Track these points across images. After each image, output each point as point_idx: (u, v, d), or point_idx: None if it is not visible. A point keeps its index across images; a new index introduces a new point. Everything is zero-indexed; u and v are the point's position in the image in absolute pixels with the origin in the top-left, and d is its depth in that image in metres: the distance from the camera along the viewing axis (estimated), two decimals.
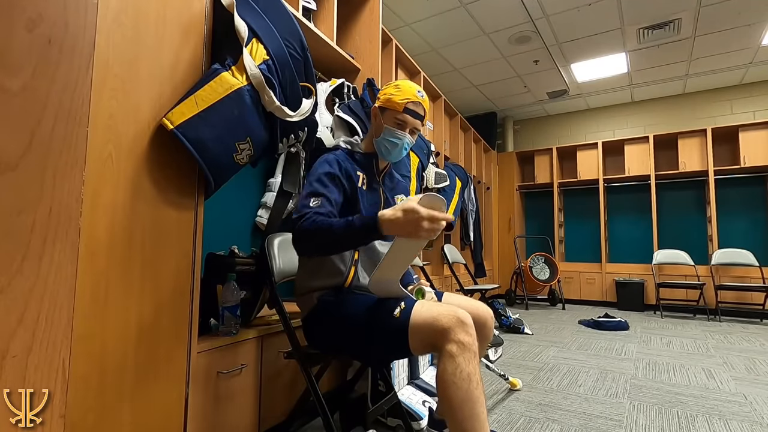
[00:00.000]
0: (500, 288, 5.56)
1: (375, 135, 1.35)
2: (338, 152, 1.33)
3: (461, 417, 1.02)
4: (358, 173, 1.31)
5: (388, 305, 1.17)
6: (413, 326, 1.11)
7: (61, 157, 0.91)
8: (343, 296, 1.26)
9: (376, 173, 1.39)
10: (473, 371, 1.04)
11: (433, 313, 1.10)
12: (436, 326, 1.07)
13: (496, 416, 1.78)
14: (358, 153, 1.37)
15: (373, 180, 1.37)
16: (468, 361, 1.04)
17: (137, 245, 1.07)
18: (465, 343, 1.05)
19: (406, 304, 1.15)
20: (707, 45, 4.23)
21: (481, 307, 1.36)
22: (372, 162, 1.37)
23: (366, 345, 1.21)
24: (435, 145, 3.68)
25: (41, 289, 0.87)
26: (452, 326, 1.06)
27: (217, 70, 1.19)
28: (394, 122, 1.30)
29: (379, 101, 1.34)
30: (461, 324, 1.06)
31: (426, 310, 1.12)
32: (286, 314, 1.38)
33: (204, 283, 1.34)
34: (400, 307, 1.15)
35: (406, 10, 3.69)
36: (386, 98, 1.31)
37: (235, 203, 1.96)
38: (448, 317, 1.07)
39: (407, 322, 1.11)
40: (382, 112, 1.32)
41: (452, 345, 1.05)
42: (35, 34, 0.89)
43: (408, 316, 1.12)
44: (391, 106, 1.30)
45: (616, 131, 5.81)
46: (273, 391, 1.50)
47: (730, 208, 4.95)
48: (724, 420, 1.76)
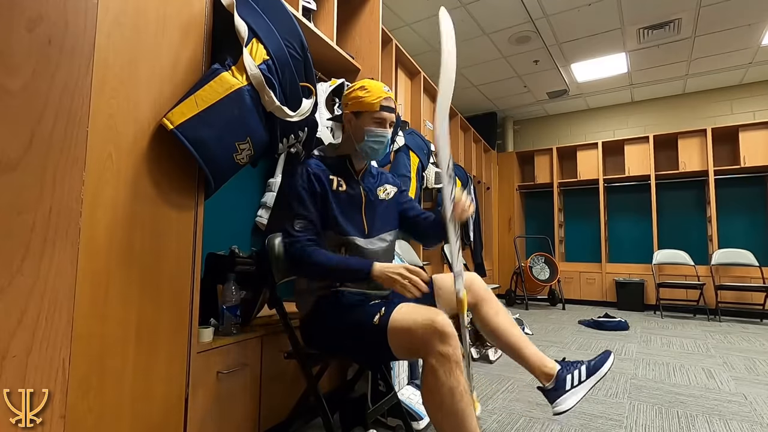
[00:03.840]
0: (500, 288, 5.56)
1: (357, 140, 1.34)
2: (310, 160, 1.34)
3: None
4: (330, 177, 1.32)
5: (371, 310, 1.17)
6: (391, 333, 1.10)
7: (61, 157, 0.91)
8: (338, 297, 1.27)
9: (354, 173, 1.38)
10: (455, 384, 1.01)
11: (410, 322, 1.08)
12: (414, 337, 1.06)
13: (496, 416, 1.78)
14: (330, 158, 1.37)
15: (351, 180, 1.37)
16: (449, 373, 1.01)
17: (137, 245, 1.07)
18: (444, 355, 1.01)
19: (386, 310, 1.14)
20: (707, 45, 4.23)
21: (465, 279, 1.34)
22: (346, 164, 1.37)
23: (354, 348, 1.22)
24: (435, 145, 3.67)
25: (41, 289, 0.87)
26: (429, 338, 1.03)
27: (217, 70, 1.19)
28: (373, 122, 1.31)
29: (349, 106, 1.33)
30: (438, 335, 1.02)
31: (402, 318, 1.10)
32: (286, 314, 1.38)
33: (204, 283, 1.34)
34: (380, 313, 1.14)
35: (406, 10, 3.69)
36: (357, 102, 1.31)
37: (235, 203, 1.96)
38: (425, 328, 1.04)
39: (386, 328, 1.11)
40: (357, 116, 1.32)
41: (431, 358, 1.03)
42: (35, 34, 0.88)
43: (386, 323, 1.11)
44: (365, 108, 1.30)
45: (616, 131, 5.81)
46: (273, 391, 1.50)
47: (730, 208, 4.95)
48: (724, 420, 1.76)
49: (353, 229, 1.31)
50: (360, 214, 1.34)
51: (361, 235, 1.33)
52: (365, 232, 1.34)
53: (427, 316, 1.07)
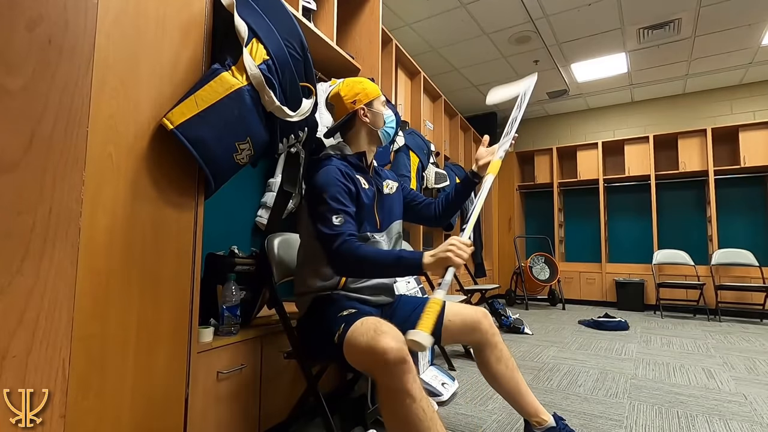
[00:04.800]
0: (500, 288, 5.56)
1: (377, 126, 1.41)
2: (333, 160, 1.34)
3: None
4: (357, 176, 1.35)
5: (337, 323, 1.15)
6: (347, 353, 1.10)
7: (61, 157, 0.91)
8: (332, 301, 1.27)
9: (367, 170, 1.43)
10: (407, 414, 0.96)
11: (357, 346, 1.05)
12: (362, 361, 1.05)
13: (496, 416, 1.78)
14: (350, 156, 1.39)
15: (367, 176, 1.41)
16: (399, 404, 0.97)
17: (137, 245, 1.07)
18: (389, 387, 0.98)
19: (344, 328, 1.12)
20: (707, 45, 4.23)
21: (468, 316, 1.35)
22: (362, 160, 1.41)
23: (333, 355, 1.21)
24: (435, 145, 3.68)
25: (41, 289, 0.87)
26: (373, 368, 1.01)
27: (217, 70, 1.19)
28: (382, 106, 1.42)
29: (359, 101, 1.38)
30: (382, 365, 0.98)
31: (354, 339, 1.07)
32: (286, 314, 1.39)
33: (204, 283, 1.35)
34: (338, 331, 1.13)
35: (406, 10, 3.69)
36: (363, 94, 1.39)
37: (235, 203, 1.96)
38: (369, 355, 1.00)
39: (342, 347, 1.11)
40: (370, 106, 1.40)
41: (379, 386, 1.02)
42: (35, 34, 0.88)
43: (342, 342, 1.10)
44: (371, 96, 1.40)
45: (616, 131, 5.81)
46: (273, 391, 1.50)
47: (730, 208, 4.95)
48: (724, 420, 1.76)
49: (369, 225, 1.34)
50: (373, 210, 1.37)
51: (375, 229, 1.35)
52: (378, 226, 1.37)
53: (370, 341, 1.01)
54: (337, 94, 1.40)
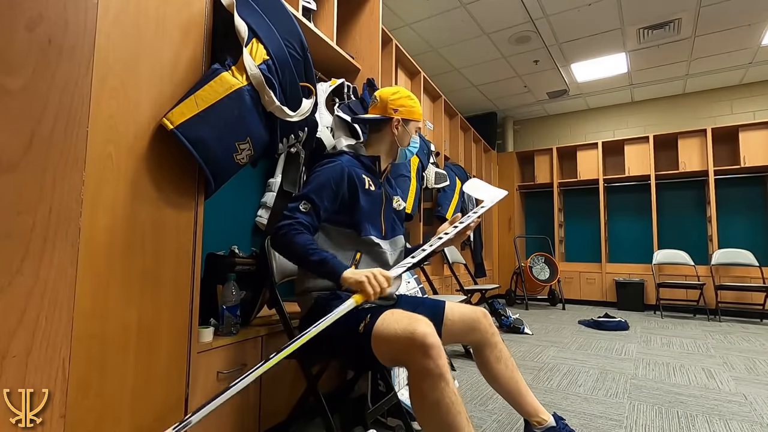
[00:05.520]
0: (500, 288, 5.56)
1: (402, 144, 1.42)
2: (344, 158, 1.35)
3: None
4: (363, 176, 1.35)
5: (359, 316, 1.15)
6: (375, 342, 1.10)
7: (61, 157, 0.91)
8: (335, 299, 1.26)
9: (379, 175, 1.43)
10: (440, 397, 0.98)
11: (391, 332, 1.06)
12: (395, 348, 1.05)
13: (496, 416, 1.79)
14: (363, 156, 1.40)
15: (378, 181, 1.41)
16: (432, 388, 0.98)
17: (137, 245, 1.07)
18: (425, 370, 0.99)
19: (371, 318, 1.13)
20: (707, 45, 4.23)
21: (467, 315, 1.35)
22: (376, 165, 1.42)
23: (342, 352, 1.22)
24: (435, 145, 3.68)
25: (41, 289, 0.87)
26: (409, 350, 1.02)
27: (217, 70, 1.19)
28: (415, 130, 1.42)
29: (400, 113, 1.38)
30: (418, 347, 1.00)
31: (385, 327, 1.08)
32: (286, 314, 1.38)
33: (204, 283, 1.34)
34: (365, 321, 1.13)
35: (406, 10, 3.69)
36: (407, 110, 1.39)
37: (235, 203, 1.96)
38: (405, 339, 1.02)
39: (370, 337, 1.10)
40: (406, 124, 1.40)
41: (413, 371, 1.02)
42: (35, 33, 0.88)
43: (370, 331, 1.10)
44: (413, 117, 1.41)
45: (616, 131, 5.81)
46: (273, 391, 1.50)
47: (730, 208, 4.95)
48: (724, 420, 1.76)
49: (374, 229, 1.33)
50: (380, 216, 1.37)
51: (380, 235, 1.35)
52: (383, 233, 1.37)
53: (407, 326, 1.03)
54: (388, 94, 1.40)
